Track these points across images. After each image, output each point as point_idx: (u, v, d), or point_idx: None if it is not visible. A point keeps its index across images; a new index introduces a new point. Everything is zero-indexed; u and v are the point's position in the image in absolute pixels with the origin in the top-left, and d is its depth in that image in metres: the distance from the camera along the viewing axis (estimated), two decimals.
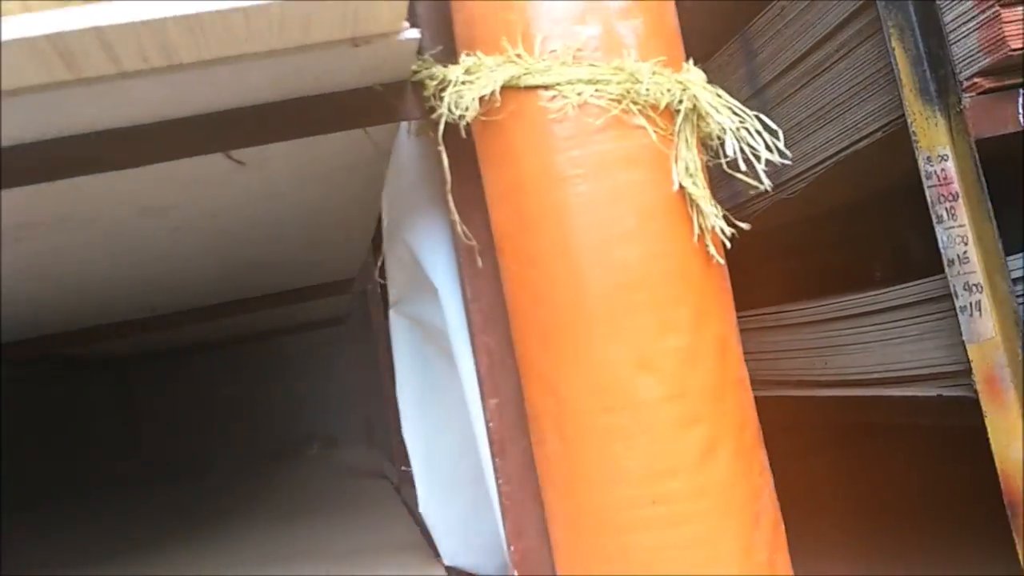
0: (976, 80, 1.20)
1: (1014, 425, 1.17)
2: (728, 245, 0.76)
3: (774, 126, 0.75)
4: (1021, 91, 1.20)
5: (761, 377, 1.86)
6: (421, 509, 1.07)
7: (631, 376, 0.72)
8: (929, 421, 1.34)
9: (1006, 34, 1.15)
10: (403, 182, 0.94)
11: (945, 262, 1.22)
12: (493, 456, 0.83)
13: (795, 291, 1.77)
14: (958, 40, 1.21)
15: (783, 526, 0.77)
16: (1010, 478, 1.17)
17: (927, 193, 1.22)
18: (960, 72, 1.21)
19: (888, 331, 1.45)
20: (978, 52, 1.19)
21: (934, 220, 1.22)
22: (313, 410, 4.05)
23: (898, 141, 1.28)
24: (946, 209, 1.21)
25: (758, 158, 0.74)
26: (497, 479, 0.83)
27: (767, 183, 0.76)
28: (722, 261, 0.76)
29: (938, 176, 1.22)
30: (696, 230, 0.74)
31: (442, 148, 0.78)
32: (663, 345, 0.72)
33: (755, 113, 0.74)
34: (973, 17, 1.19)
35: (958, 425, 1.25)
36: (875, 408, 1.46)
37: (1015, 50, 1.15)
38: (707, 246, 0.75)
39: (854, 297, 1.51)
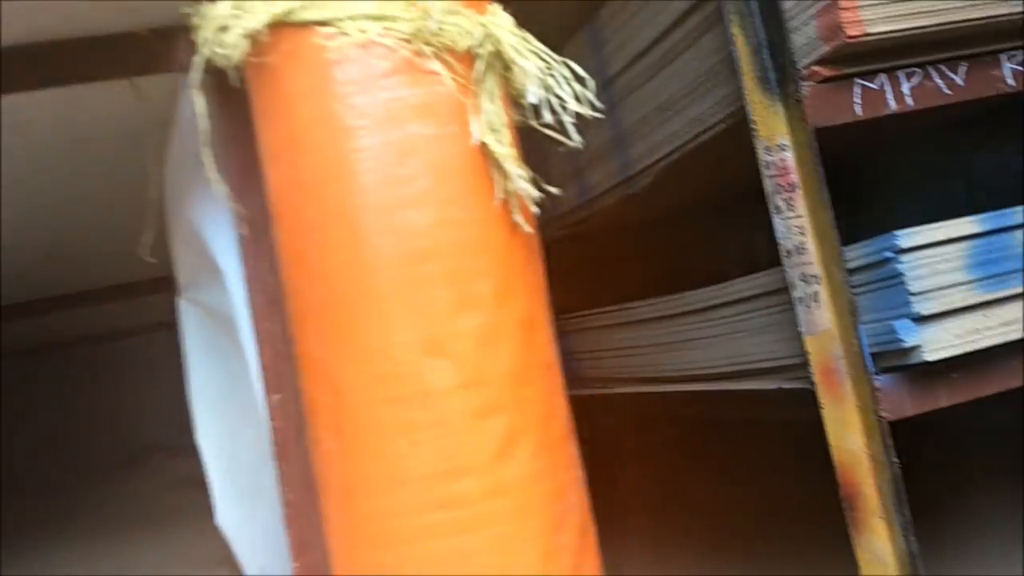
0: (815, 69, 1.18)
1: (850, 417, 1.15)
2: (536, 211, 0.68)
3: (584, 74, 0.67)
4: (858, 80, 1.20)
5: (611, 375, 1.83)
6: (219, 521, 0.95)
7: (419, 361, 0.62)
8: (772, 415, 1.32)
9: (842, 21, 1.13)
10: (185, 149, 0.82)
11: (783, 253, 1.19)
12: (277, 460, 0.73)
13: (652, 289, 1.73)
14: (798, 28, 1.19)
15: (594, 527, 0.70)
16: (847, 470, 1.16)
17: (765, 184, 1.20)
18: (800, 61, 1.20)
19: (733, 324, 1.43)
20: (817, 40, 1.17)
21: (772, 211, 1.20)
22: (154, 419, 3.80)
23: (742, 132, 1.25)
24: (784, 200, 1.19)
25: (568, 110, 0.67)
26: (281, 486, 0.72)
27: (577, 139, 0.69)
28: (530, 230, 0.68)
29: (777, 166, 1.19)
30: (499, 194, 0.66)
31: (197, 92, 0.67)
32: (458, 325, 0.63)
33: (564, 60, 0.67)
34: (812, 4, 1.17)
35: (802, 419, 1.23)
36: (722, 403, 1.44)
37: (852, 37, 1.14)
38: (512, 212, 0.67)
39: (700, 291, 1.49)
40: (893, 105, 1.20)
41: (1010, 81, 1.24)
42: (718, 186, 1.75)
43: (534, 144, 2.00)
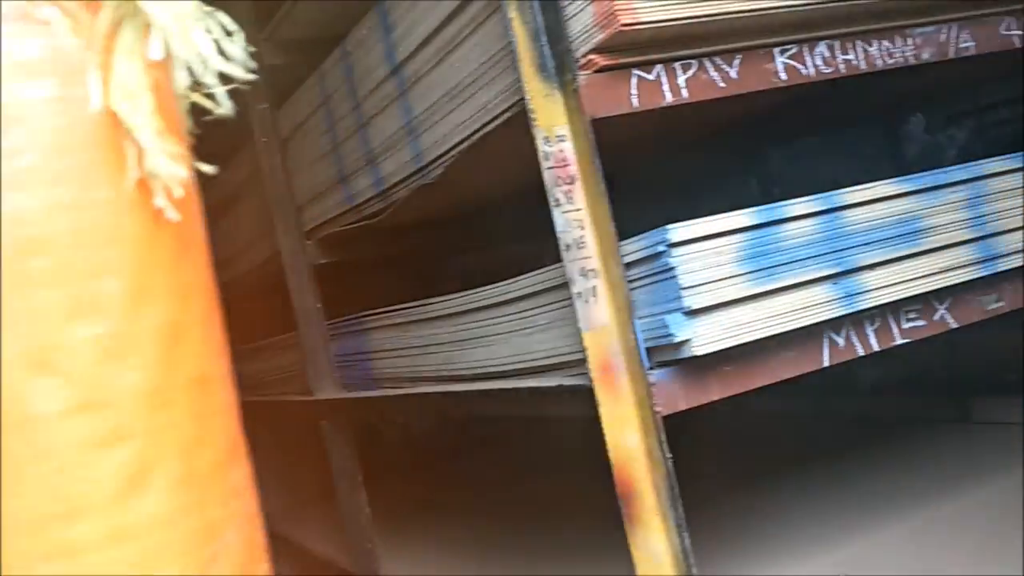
0: (592, 57, 1.15)
1: (628, 413, 1.13)
2: (178, 193, 0.57)
3: (234, 28, 0.58)
4: (635, 71, 1.17)
5: (409, 374, 1.76)
6: None
7: (23, 379, 0.51)
8: (561, 412, 1.28)
9: (616, 8, 1.10)
10: None
11: (563, 247, 1.16)
12: None
13: (461, 284, 1.67)
14: (576, 14, 1.16)
15: (266, 562, 0.62)
16: (623, 468, 1.14)
17: (545, 176, 1.16)
18: (577, 48, 1.16)
19: (521, 320, 1.39)
20: (593, 27, 1.14)
21: (551, 203, 1.16)
22: None
23: (526, 122, 1.20)
24: (563, 192, 1.15)
25: (211, 69, 0.57)
26: None
27: (227, 105, 0.60)
28: (177, 217, 0.58)
29: (556, 157, 1.15)
30: (134, 173, 0.55)
31: None
32: (74, 334, 0.52)
33: (211, 10, 0.57)
34: None
35: (588, 416, 1.20)
36: (513, 401, 1.40)
37: (626, 25, 1.11)
38: (153, 196, 0.57)
39: (491, 287, 1.44)
40: (669, 97, 1.19)
41: (782, 75, 1.25)
42: (514, 177, 1.71)
43: (326, 130, 1.89)
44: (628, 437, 1.14)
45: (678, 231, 1.10)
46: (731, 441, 2.44)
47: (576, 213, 1.15)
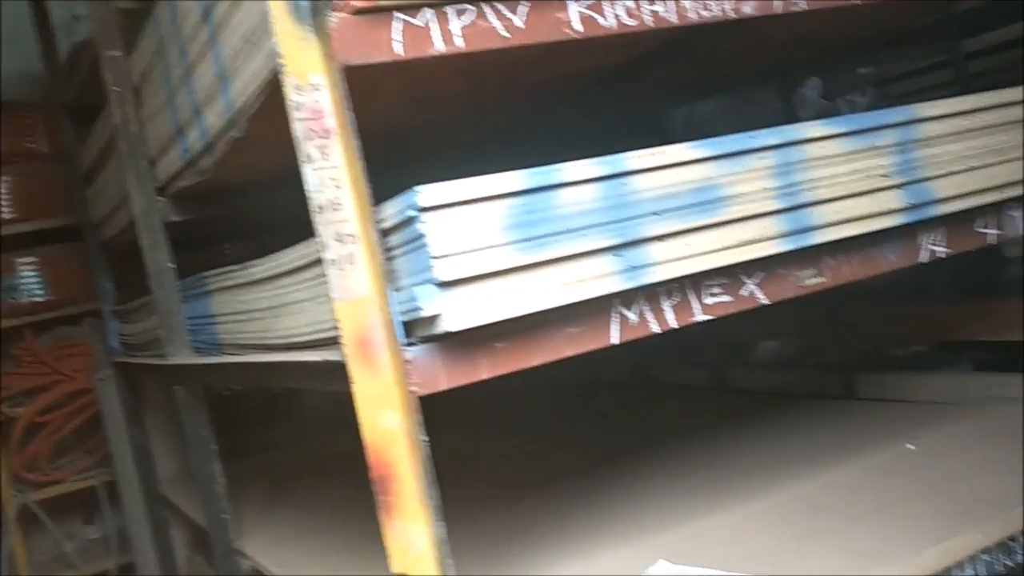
0: None
1: (388, 391, 1.03)
2: None
3: None
4: (398, 14, 1.06)
5: (237, 340, 1.66)
6: None
7: None
8: (333, 388, 1.19)
9: None
10: None
11: (314, 209, 1.05)
12: None
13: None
14: None
15: None
16: (380, 450, 1.04)
17: (295, 128, 1.05)
18: None
19: (316, 288, 1.29)
20: None
21: (302, 159, 1.05)
22: None
23: None
24: (317, 147, 1.05)
25: None
26: None
27: None
28: None
29: (309, 108, 1.04)
30: None
31: None
32: None
33: None
34: None
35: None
36: (288, 375, 1.31)
37: None
38: None
39: (297, 248, 1.33)
40: (440, 46, 1.07)
41: (577, 26, 1.13)
42: None
43: (165, 78, 1.76)
44: (388, 418, 1.04)
45: (428, 193, 1.00)
46: (625, 410, 2.37)
47: (332, 171, 1.05)
